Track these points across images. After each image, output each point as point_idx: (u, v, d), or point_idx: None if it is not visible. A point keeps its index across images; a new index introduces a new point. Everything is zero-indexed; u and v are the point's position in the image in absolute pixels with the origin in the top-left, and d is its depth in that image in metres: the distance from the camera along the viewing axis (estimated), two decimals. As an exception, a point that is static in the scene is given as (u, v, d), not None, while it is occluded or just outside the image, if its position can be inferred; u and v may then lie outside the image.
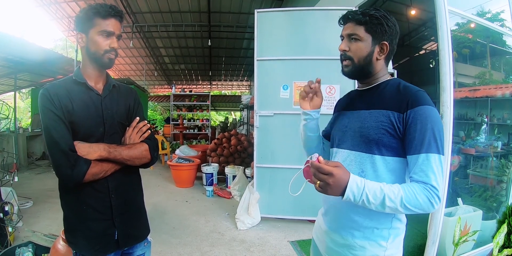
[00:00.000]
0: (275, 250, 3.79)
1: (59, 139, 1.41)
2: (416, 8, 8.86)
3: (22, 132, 9.02)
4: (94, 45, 1.51)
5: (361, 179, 1.15)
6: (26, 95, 19.18)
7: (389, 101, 1.31)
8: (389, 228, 1.34)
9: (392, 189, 1.15)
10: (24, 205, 5.04)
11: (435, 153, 1.18)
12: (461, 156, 4.43)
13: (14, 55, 6.67)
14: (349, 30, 1.37)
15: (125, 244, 1.66)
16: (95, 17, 1.48)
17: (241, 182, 6.02)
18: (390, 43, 1.36)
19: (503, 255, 2.50)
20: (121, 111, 1.65)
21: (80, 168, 1.41)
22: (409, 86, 1.33)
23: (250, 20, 11.67)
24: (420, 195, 1.14)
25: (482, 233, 3.09)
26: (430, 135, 1.19)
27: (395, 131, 1.26)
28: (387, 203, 1.13)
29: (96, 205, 1.55)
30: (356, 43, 1.35)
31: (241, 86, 26.27)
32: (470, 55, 5.16)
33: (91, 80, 1.59)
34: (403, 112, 1.25)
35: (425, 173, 1.17)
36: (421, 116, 1.21)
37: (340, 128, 1.49)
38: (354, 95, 1.54)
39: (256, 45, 4.63)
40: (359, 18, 1.34)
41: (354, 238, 1.34)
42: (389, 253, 1.34)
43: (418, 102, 1.23)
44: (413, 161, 1.22)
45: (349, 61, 1.38)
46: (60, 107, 1.44)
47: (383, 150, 1.29)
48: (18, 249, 3.11)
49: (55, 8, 11.01)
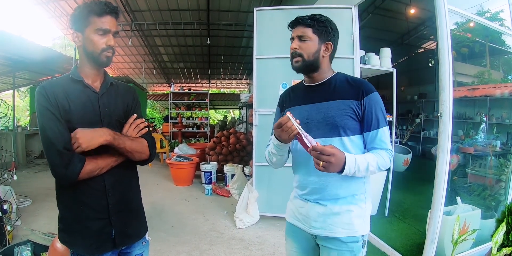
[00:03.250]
0: (274, 249, 3.79)
1: (54, 138, 1.41)
2: (416, 7, 8.84)
3: (21, 131, 9.02)
4: (91, 44, 1.49)
5: (352, 155, 1.46)
6: (24, 93, 19.15)
7: (345, 92, 1.61)
8: (364, 192, 1.66)
9: (370, 157, 1.51)
10: (23, 204, 5.03)
11: (385, 126, 1.59)
12: (460, 155, 4.44)
13: (12, 53, 6.66)
14: (299, 32, 1.63)
15: (122, 243, 1.65)
16: (90, 15, 1.46)
17: (240, 180, 6.03)
18: (334, 43, 1.65)
19: (502, 254, 2.50)
20: (119, 109, 1.64)
21: (74, 166, 1.40)
22: (357, 78, 1.70)
23: (249, 19, 11.64)
24: (386, 157, 1.56)
25: (481, 232, 3.09)
26: (380, 114, 1.58)
27: (356, 116, 1.58)
28: (370, 168, 1.49)
29: (93, 204, 1.54)
30: (305, 42, 1.61)
31: (240, 85, 26.23)
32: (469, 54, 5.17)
33: (88, 79, 1.57)
34: (360, 99, 1.57)
35: (384, 142, 1.58)
36: (373, 101, 1.57)
37: (301, 121, 1.58)
38: (303, 90, 1.76)
39: (255, 44, 4.62)
40: (307, 22, 1.61)
41: (341, 205, 1.60)
42: (367, 212, 1.66)
43: (370, 90, 1.59)
44: (373, 135, 1.58)
45: (299, 58, 1.63)
46: (57, 106, 1.43)
47: (348, 132, 1.59)
48: (17, 248, 3.10)
49: (54, 6, 10.95)
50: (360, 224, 1.61)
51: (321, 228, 1.63)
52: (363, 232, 1.62)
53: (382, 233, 4.03)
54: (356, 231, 1.60)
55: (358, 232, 1.60)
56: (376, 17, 9.32)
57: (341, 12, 4.25)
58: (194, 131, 13.06)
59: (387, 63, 4.58)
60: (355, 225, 1.59)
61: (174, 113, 13.33)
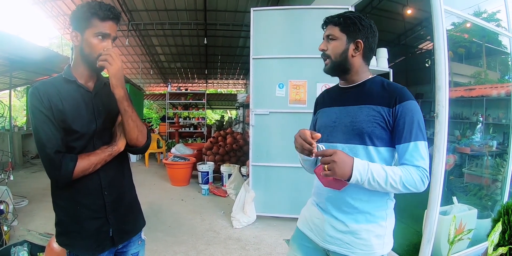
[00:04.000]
0: (270, 249, 3.79)
1: (46, 141, 1.40)
2: (412, 8, 8.87)
3: (17, 131, 8.98)
4: (89, 47, 1.47)
5: (364, 161, 1.34)
6: (21, 93, 19.08)
7: (378, 98, 1.46)
8: (385, 209, 1.51)
9: (391, 169, 1.33)
10: (19, 204, 5.01)
11: (422, 141, 1.38)
12: (456, 155, 4.46)
13: (9, 53, 6.63)
14: (327, 32, 1.54)
15: (120, 240, 1.65)
16: (93, 17, 1.43)
17: (237, 180, 6.02)
18: (366, 41, 1.49)
19: (498, 253, 2.51)
20: (113, 106, 1.61)
21: (66, 166, 1.40)
22: (393, 83, 1.51)
23: (246, 19, 11.63)
24: (415, 175, 1.33)
25: (477, 231, 3.10)
26: (416, 126, 1.39)
27: (386, 124, 1.42)
28: (389, 180, 1.31)
29: (90, 204, 1.53)
30: (332, 42, 1.52)
31: (237, 85, 26.26)
32: (465, 54, 5.19)
33: (81, 79, 1.55)
34: (392, 107, 1.41)
35: (416, 158, 1.36)
36: (408, 110, 1.39)
37: (328, 124, 1.58)
38: (337, 92, 1.67)
39: (252, 44, 4.62)
40: (334, 20, 1.52)
41: (359, 223, 1.46)
42: (388, 231, 1.51)
43: (404, 97, 1.41)
44: (404, 148, 1.39)
45: (328, 60, 1.55)
46: (50, 107, 1.42)
47: (376, 141, 1.44)
48: (13, 248, 3.09)
49: (51, 5, 10.92)
50: (379, 245, 1.48)
51: (335, 245, 1.52)
52: (382, 252, 1.49)
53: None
54: (374, 253, 1.47)
55: (377, 253, 1.48)
56: (373, 17, 9.30)
57: (338, 13, 4.25)
58: (191, 131, 13.05)
59: (384, 63, 4.58)
60: (374, 246, 1.46)
61: (171, 113, 13.32)
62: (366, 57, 1.55)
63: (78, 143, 1.50)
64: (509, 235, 2.68)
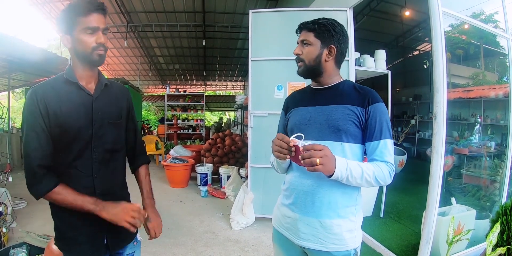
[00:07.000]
0: (269, 250, 3.79)
1: (31, 151, 1.39)
2: (410, 9, 8.90)
3: (16, 132, 8.94)
4: (81, 44, 1.43)
5: (343, 158, 1.41)
6: (20, 94, 19.07)
7: (352, 98, 1.56)
8: (355, 204, 1.58)
9: (365, 165, 1.44)
10: (18, 206, 4.99)
11: (389, 139, 1.52)
12: (454, 156, 4.46)
13: (7, 54, 6.63)
14: (302, 37, 1.61)
15: (115, 247, 1.65)
16: (76, 16, 1.39)
17: (236, 182, 6.02)
18: (338, 47, 1.59)
19: (496, 253, 2.52)
20: (112, 110, 1.60)
21: (44, 185, 1.40)
22: (364, 87, 1.62)
23: (244, 20, 11.67)
24: (385, 170, 1.46)
25: (476, 232, 3.11)
26: (385, 125, 1.51)
27: (359, 122, 1.52)
28: (365, 175, 1.41)
29: (84, 212, 1.47)
30: (307, 47, 1.59)
31: (235, 86, 26.30)
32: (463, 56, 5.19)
33: (82, 80, 1.52)
34: (365, 107, 1.52)
35: (385, 154, 1.50)
36: (379, 111, 1.52)
37: (302, 122, 1.64)
38: (309, 93, 1.73)
39: (250, 45, 4.62)
40: (309, 26, 1.58)
41: (331, 219, 1.53)
42: (358, 225, 1.59)
43: (376, 99, 1.53)
44: (375, 145, 1.51)
45: (301, 63, 1.62)
46: (47, 112, 1.40)
47: (350, 138, 1.54)
48: (12, 250, 3.09)
49: (49, 7, 10.95)
50: (351, 238, 1.55)
51: (309, 241, 1.58)
52: (354, 246, 1.57)
53: (377, 234, 4.05)
54: (347, 246, 1.54)
55: (350, 246, 1.55)
56: (371, 19, 9.37)
57: (336, 14, 4.26)
58: (190, 133, 13.04)
59: (382, 65, 4.60)
60: (346, 240, 1.54)
61: (170, 115, 13.31)
62: (338, 62, 1.65)
63: (74, 147, 1.48)
64: (508, 235, 2.69)
